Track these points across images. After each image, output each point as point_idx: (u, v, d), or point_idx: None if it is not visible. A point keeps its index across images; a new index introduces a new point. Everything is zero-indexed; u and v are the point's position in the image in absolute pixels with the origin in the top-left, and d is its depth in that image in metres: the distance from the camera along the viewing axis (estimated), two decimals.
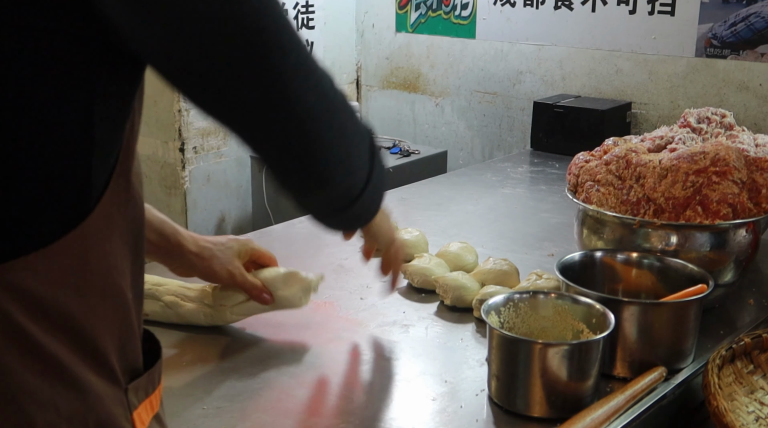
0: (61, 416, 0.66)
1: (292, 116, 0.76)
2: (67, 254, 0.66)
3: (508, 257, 1.57)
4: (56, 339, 0.66)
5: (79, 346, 0.68)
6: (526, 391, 1.12)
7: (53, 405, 0.66)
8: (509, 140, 3.18)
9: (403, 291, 1.53)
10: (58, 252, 0.65)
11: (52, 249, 0.65)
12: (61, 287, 0.66)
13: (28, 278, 0.64)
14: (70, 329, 0.67)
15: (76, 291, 0.67)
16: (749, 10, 2.51)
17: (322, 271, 1.43)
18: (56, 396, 0.66)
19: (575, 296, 1.22)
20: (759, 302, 1.52)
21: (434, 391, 1.20)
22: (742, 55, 2.54)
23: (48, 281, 0.65)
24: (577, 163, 1.58)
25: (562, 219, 1.95)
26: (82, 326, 0.68)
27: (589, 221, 1.49)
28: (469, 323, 1.41)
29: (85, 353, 0.68)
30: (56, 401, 0.66)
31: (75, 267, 0.67)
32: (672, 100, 2.71)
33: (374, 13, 3.47)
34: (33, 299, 0.64)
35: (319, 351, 1.31)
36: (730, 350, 1.30)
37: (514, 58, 3.09)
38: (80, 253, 0.67)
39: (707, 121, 1.78)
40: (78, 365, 0.68)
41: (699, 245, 1.38)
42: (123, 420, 0.72)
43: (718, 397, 1.16)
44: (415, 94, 3.43)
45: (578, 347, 1.12)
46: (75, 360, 0.67)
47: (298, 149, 0.80)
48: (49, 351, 0.65)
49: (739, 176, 1.41)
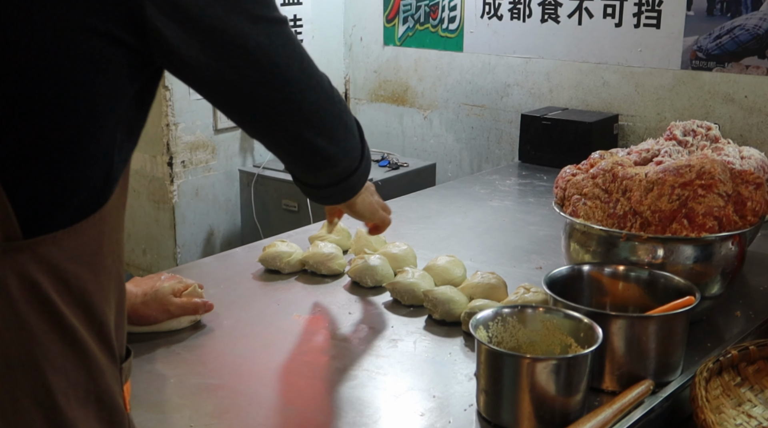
0: (69, 383, 0.73)
1: (304, 115, 0.97)
2: (87, 235, 0.75)
3: (496, 271, 1.57)
4: (73, 312, 0.74)
5: (90, 321, 0.76)
6: (514, 406, 1.12)
7: (64, 372, 0.73)
8: (497, 153, 3.19)
9: (390, 305, 1.53)
10: (81, 232, 0.75)
11: (76, 228, 0.74)
12: (81, 264, 0.74)
13: (56, 253, 0.72)
14: (84, 303, 0.75)
15: (91, 270, 0.75)
16: (734, 23, 2.53)
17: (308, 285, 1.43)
18: (67, 364, 0.73)
19: (563, 310, 1.22)
20: (746, 314, 1.53)
21: (423, 406, 1.19)
22: (728, 68, 2.56)
23: (71, 257, 0.73)
24: (563, 176, 1.58)
25: (550, 232, 1.96)
26: (93, 302, 0.76)
27: (577, 235, 1.50)
28: (457, 337, 1.41)
29: (94, 327, 0.76)
30: (67, 368, 0.73)
31: (93, 247, 0.76)
32: (659, 113, 2.73)
33: (362, 27, 3.48)
34: (58, 273, 0.72)
35: (308, 367, 1.31)
36: (718, 362, 1.30)
37: (501, 70, 3.10)
38: (97, 235, 0.76)
39: (693, 133, 1.80)
40: (88, 338, 0.75)
41: (685, 258, 1.39)
42: (118, 396, 0.79)
43: (706, 410, 1.17)
44: (403, 107, 3.44)
45: (566, 361, 1.12)
46: (86, 333, 0.75)
47: (311, 138, 1.02)
48: (68, 321, 0.73)
49: (724, 189, 1.41)
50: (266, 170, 3.14)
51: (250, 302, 1.55)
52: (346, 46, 3.55)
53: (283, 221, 2.98)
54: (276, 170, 3.11)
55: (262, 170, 3.15)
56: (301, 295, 1.59)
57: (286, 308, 1.52)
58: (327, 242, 1.74)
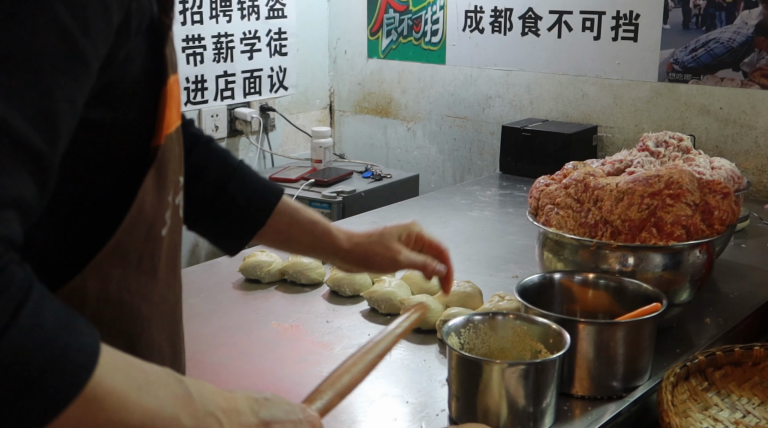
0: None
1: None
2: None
3: (473, 279, 1.60)
4: None
5: None
6: (485, 411, 1.15)
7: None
8: (479, 164, 3.22)
9: (368, 314, 1.56)
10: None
11: None
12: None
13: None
14: None
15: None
16: (708, 36, 2.58)
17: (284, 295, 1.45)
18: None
19: (533, 317, 1.25)
20: (715, 321, 1.57)
21: (396, 412, 1.22)
22: (703, 80, 2.61)
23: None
24: (537, 186, 1.62)
25: (528, 241, 1.99)
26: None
27: (550, 243, 1.53)
28: (432, 344, 1.44)
29: None
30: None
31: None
32: (636, 124, 2.77)
33: (346, 40, 3.52)
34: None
35: (284, 374, 1.33)
36: (685, 368, 1.33)
37: (483, 83, 3.14)
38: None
39: (665, 144, 1.84)
40: None
41: (654, 266, 1.42)
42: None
43: (671, 414, 1.20)
44: (387, 118, 3.48)
45: (534, 366, 1.15)
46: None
47: None
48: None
49: (692, 198, 1.45)
50: None
51: (229, 311, 1.57)
52: (330, 58, 3.59)
53: None
54: None
55: None
56: (280, 304, 1.62)
57: (265, 317, 1.55)
58: None
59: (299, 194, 2.83)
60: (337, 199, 2.76)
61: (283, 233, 1.16)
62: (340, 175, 2.97)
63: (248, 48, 3.17)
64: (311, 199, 2.80)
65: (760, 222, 2.21)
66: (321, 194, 2.80)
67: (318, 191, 2.83)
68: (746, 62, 2.52)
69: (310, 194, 2.83)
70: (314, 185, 2.89)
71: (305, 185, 2.87)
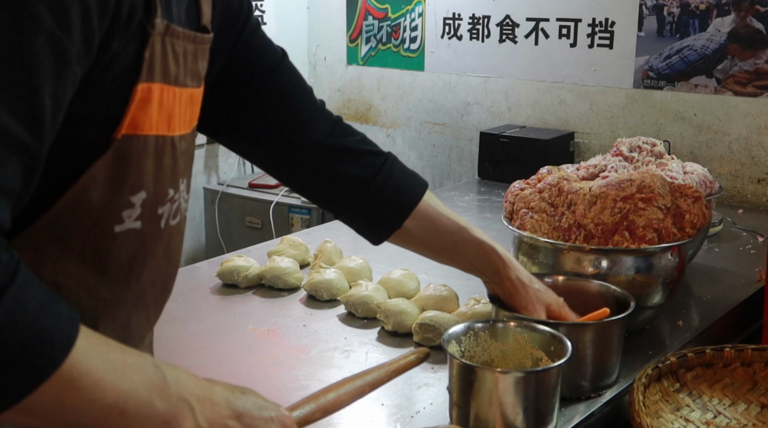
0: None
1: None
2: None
3: (449, 283, 1.61)
4: None
5: None
6: (486, 419, 1.14)
7: None
8: (458, 170, 3.25)
9: (344, 318, 1.57)
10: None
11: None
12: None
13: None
14: None
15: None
16: (682, 44, 2.61)
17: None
18: None
19: (534, 325, 1.24)
20: (688, 323, 1.59)
21: (371, 414, 1.23)
22: (677, 86, 2.65)
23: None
24: (512, 191, 1.63)
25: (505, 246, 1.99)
26: None
27: (524, 247, 1.55)
28: (408, 347, 1.45)
29: None
30: None
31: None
32: (612, 130, 2.80)
33: (326, 47, 3.54)
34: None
35: (261, 377, 1.34)
36: (657, 369, 1.35)
37: (461, 89, 3.17)
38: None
39: (639, 149, 1.86)
40: None
41: (626, 269, 1.44)
42: None
43: (642, 414, 1.21)
44: (366, 125, 3.49)
45: (535, 374, 1.14)
46: None
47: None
48: None
49: (663, 202, 1.47)
50: (230, 188, 3.17)
51: (206, 316, 1.58)
52: (310, 65, 3.60)
53: (246, 237, 3.01)
54: (240, 188, 3.14)
55: (226, 188, 3.17)
56: (257, 308, 1.62)
57: (242, 321, 1.55)
58: (284, 256, 1.78)
59: (279, 200, 2.84)
60: (315, 205, 2.76)
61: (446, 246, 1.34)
62: None
63: None
64: (291, 205, 2.81)
65: (733, 227, 2.24)
66: (300, 200, 2.81)
67: (297, 197, 2.84)
68: (719, 69, 2.56)
69: (290, 199, 2.84)
70: (293, 190, 2.89)
71: (285, 191, 2.88)
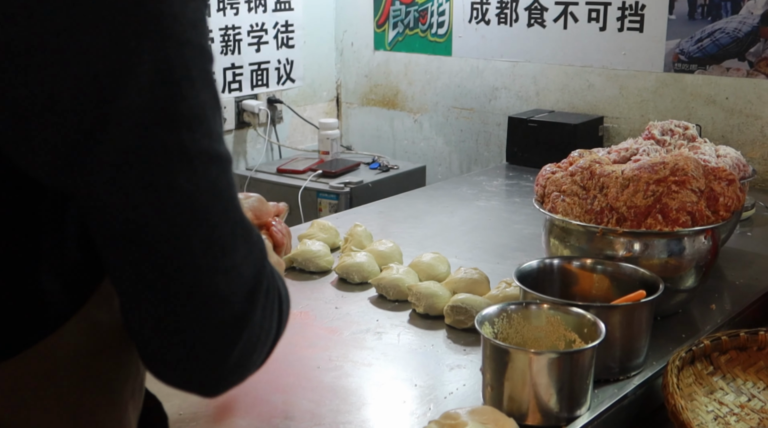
0: None
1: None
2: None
3: (480, 267, 1.61)
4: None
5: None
6: (519, 399, 1.14)
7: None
8: (486, 155, 3.24)
9: (376, 300, 1.58)
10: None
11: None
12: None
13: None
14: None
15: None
16: (714, 26, 2.58)
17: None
18: None
19: (567, 307, 1.24)
20: (721, 307, 1.58)
21: (405, 394, 1.24)
22: (709, 70, 2.62)
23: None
24: (543, 174, 1.63)
25: (534, 230, 2.00)
26: None
27: (556, 230, 1.54)
28: (440, 329, 1.46)
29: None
30: None
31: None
32: (642, 114, 2.78)
33: (353, 32, 3.53)
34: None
35: (294, 358, 1.35)
36: (690, 352, 1.35)
37: (489, 74, 3.15)
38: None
39: (671, 133, 1.85)
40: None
41: (659, 252, 1.44)
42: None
43: (676, 396, 1.21)
44: (393, 110, 3.49)
45: (569, 356, 1.15)
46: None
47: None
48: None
49: (697, 185, 1.46)
50: (258, 173, 3.19)
51: None
52: (337, 51, 3.60)
53: None
54: (268, 173, 3.15)
55: (254, 173, 3.19)
56: (289, 291, 1.63)
57: None
58: (315, 240, 1.79)
59: (307, 185, 2.85)
60: (344, 190, 2.78)
61: None
62: (347, 166, 2.99)
63: (255, 40, 3.18)
64: (319, 190, 2.82)
65: (767, 211, 2.22)
66: (329, 185, 2.82)
67: (326, 182, 2.85)
68: (752, 52, 2.53)
69: (318, 185, 2.85)
70: (322, 176, 2.91)
71: (313, 176, 2.89)
